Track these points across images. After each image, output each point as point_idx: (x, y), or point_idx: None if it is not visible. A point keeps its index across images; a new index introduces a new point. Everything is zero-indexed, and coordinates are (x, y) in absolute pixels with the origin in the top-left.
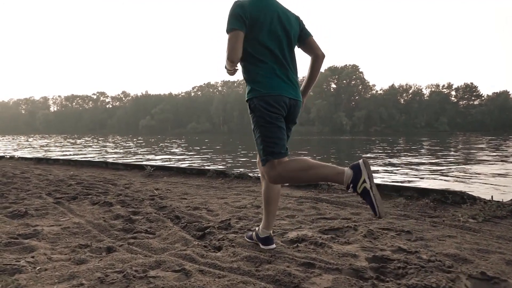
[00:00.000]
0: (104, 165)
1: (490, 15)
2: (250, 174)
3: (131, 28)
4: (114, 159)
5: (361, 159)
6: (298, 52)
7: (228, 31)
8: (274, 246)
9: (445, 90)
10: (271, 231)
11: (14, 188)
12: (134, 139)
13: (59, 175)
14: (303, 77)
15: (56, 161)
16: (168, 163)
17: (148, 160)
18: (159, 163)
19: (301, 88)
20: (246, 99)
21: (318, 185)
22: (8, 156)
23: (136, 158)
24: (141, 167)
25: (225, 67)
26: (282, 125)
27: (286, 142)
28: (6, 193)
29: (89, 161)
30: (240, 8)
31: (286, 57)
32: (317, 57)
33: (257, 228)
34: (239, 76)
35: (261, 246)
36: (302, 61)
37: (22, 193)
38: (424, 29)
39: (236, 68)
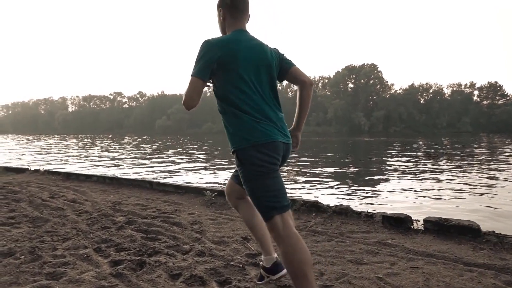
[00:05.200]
0: (148, 185)
1: None
2: (356, 209)
3: (148, 28)
4: (143, 167)
5: None
6: None
7: (192, 74)
8: (285, 271)
9: (467, 89)
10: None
11: (47, 233)
12: (155, 140)
13: (97, 202)
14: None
15: (88, 178)
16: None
17: (171, 162)
18: (201, 175)
19: (294, 123)
20: (232, 150)
21: (465, 235)
22: (32, 169)
23: (167, 165)
24: (196, 191)
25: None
26: (278, 174)
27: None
28: (39, 247)
29: (128, 179)
30: (211, 50)
31: (271, 97)
32: (304, 84)
33: (261, 262)
34: None
35: (273, 278)
36: None
37: (59, 244)
38: (446, 27)
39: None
